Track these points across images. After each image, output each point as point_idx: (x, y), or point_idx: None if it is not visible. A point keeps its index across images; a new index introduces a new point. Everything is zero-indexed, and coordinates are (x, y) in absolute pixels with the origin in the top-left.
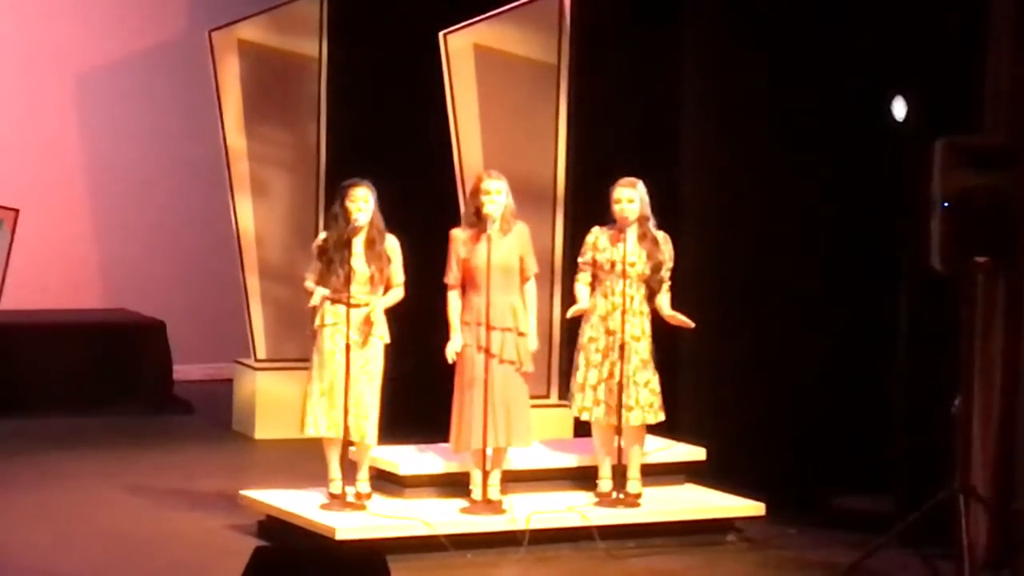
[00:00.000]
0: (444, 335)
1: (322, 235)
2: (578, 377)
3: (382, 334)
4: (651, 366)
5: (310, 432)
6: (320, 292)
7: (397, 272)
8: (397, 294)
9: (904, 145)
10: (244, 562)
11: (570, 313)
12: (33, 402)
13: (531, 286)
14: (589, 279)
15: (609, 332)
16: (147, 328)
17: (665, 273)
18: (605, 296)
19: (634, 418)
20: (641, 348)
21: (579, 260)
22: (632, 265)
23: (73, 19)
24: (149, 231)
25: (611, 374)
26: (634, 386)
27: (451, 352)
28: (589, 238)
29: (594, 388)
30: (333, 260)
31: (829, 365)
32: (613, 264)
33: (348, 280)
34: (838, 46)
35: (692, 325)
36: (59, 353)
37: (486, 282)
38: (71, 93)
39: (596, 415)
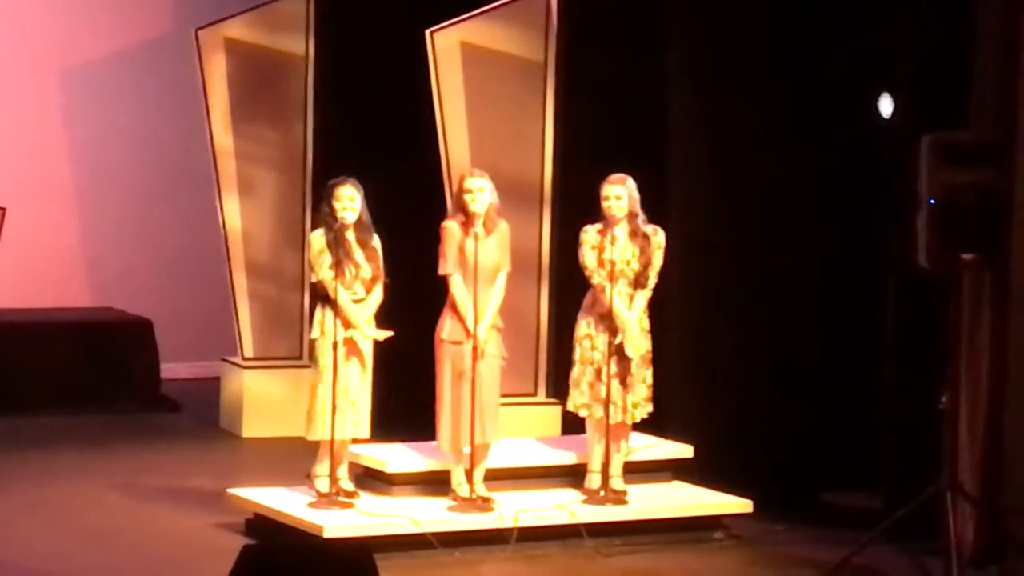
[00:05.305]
0: (430, 327)
1: (318, 232)
2: (574, 373)
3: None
4: (647, 361)
5: (325, 436)
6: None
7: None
8: (380, 293)
9: (890, 142)
10: (232, 560)
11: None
12: (20, 400)
13: (502, 278)
14: (607, 276)
15: (605, 330)
16: (134, 326)
17: (652, 272)
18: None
19: (626, 415)
20: (638, 344)
21: (587, 264)
22: (627, 263)
23: (59, 17)
24: (136, 229)
25: (611, 371)
26: (627, 382)
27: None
28: (585, 237)
29: (591, 385)
30: (340, 259)
31: (817, 362)
32: (607, 263)
33: (357, 276)
34: (825, 44)
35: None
36: (46, 352)
37: (473, 278)
38: (57, 92)
39: (592, 412)
